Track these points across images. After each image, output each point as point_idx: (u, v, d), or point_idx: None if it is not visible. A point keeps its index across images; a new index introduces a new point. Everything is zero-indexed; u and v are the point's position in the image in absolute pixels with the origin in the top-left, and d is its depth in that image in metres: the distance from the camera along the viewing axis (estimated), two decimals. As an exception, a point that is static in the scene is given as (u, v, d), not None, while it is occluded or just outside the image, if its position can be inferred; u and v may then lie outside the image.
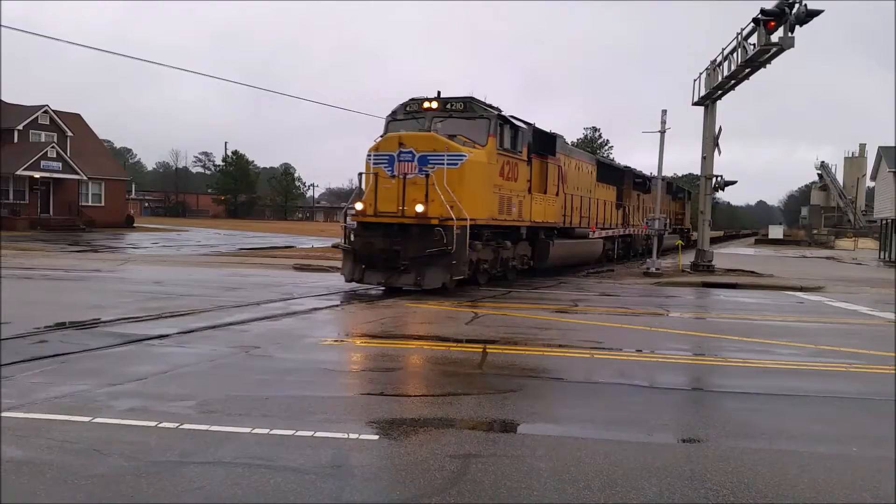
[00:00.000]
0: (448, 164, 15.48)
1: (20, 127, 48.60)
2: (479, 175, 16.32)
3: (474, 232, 16.14)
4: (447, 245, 14.98)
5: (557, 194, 21.44)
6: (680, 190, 47.40)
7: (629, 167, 35.91)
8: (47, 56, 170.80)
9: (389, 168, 15.91)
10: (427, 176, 15.34)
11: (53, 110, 51.11)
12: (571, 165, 23.47)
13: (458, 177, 15.58)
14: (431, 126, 16.74)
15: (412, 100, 17.44)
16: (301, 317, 11.77)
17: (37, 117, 49.70)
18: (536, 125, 20.10)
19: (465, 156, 15.80)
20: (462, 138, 16.34)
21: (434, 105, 17.03)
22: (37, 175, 46.79)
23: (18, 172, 45.59)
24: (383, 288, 15.95)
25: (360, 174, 16.69)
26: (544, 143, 20.63)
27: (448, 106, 17.06)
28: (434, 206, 15.29)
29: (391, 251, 15.36)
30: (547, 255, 20.71)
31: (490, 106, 17.44)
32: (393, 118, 17.67)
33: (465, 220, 15.31)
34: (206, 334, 9.86)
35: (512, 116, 18.27)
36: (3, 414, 5.60)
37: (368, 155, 16.38)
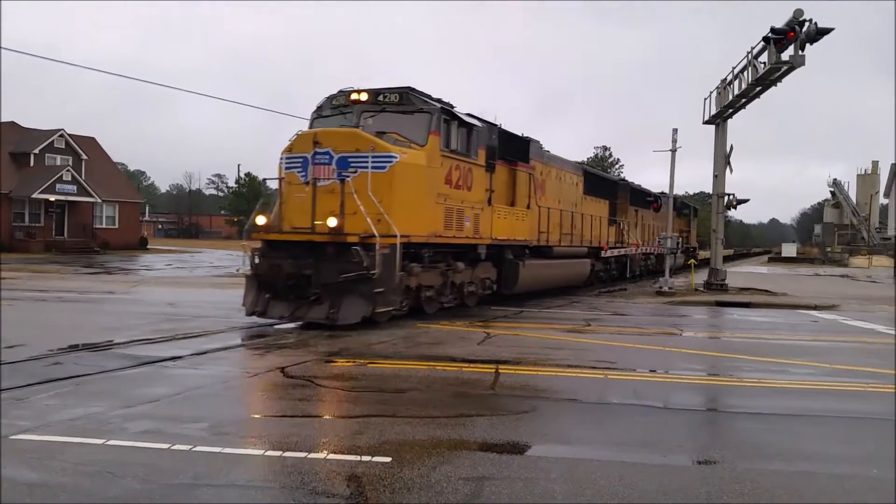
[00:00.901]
0: (374, 167, 12.57)
1: (36, 151, 49.22)
2: (416, 181, 13.48)
3: (410, 251, 13.56)
4: (368, 269, 12.10)
5: (529, 207, 18.60)
6: (685, 206, 44.86)
7: (625, 180, 33.94)
8: (64, 80, 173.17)
9: (303, 173, 13.17)
10: (343, 182, 12.46)
11: (69, 134, 51.76)
12: (550, 175, 21.01)
13: (387, 183, 12.74)
14: (360, 122, 13.95)
15: (340, 91, 14.66)
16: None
17: (52, 141, 50.34)
18: (503, 126, 17.69)
19: (394, 157, 12.96)
20: (396, 136, 13.63)
21: (363, 97, 14.23)
22: (52, 198, 47.28)
23: (34, 196, 46.11)
24: (299, 322, 12.86)
25: (264, 180, 14.50)
26: (513, 148, 18.12)
27: (381, 98, 14.25)
28: (353, 221, 12.33)
29: (301, 276, 12.38)
30: (516, 279, 17.97)
31: (434, 98, 14.72)
32: (318, 115, 14.93)
33: (395, 236, 12.48)
34: (219, 356, 9.89)
35: (470, 115, 15.87)
36: (19, 436, 5.62)
37: (281, 157, 13.78)
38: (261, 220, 13.43)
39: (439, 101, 14.76)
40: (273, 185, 14.04)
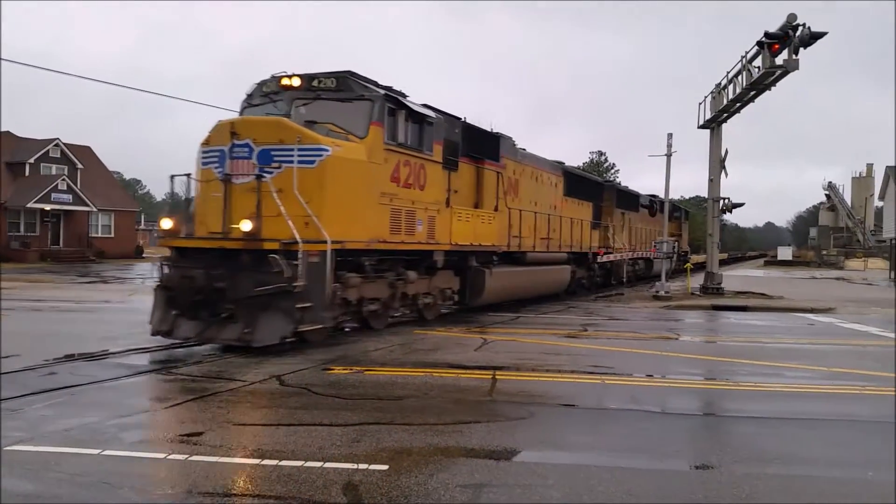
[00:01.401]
0: (301, 161, 10.75)
1: (32, 160, 49.11)
2: (353, 179, 11.65)
3: (347, 259, 11.77)
4: (290, 280, 10.22)
5: (498, 209, 16.99)
6: (676, 209, 42.01)
7: (611, 181, 32.58)
8: (59, 89, 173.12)
9: (220, 168, 11.29)
10: (260, 179, 10.65)
11: (64, 143, 51.67)
12: (525, 175, 19.31)
13: (317, 181, 10.99)
14: (292, 111, 12.13)
15: (272, 77, 12.79)
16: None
17: (48, 150, 50.24)
18: (467, 119, 16.32)
19: (325, 150, 11.11)
20: (331, 127, 11.81)
21: (295, 82, 12.40)
22: (47, 207, 47.16)
23: (30, 205, 45.98)
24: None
25: (172, 177, 12.31)
26: (480, 145, 16.63)
27: (315, 84, 12.41)
28: (273, 224, 10.52)
29: (212, 290, 10.41)
30: (481, 289, 16.24)
31: (379, 84, 12.93)
32: (248, 103, 13.03)
33: (326, 242, 10.75)
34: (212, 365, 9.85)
35: (426, 105, 14.32)
36: (14, 447, 5.59)
37: (199, 151, 11.94)
38: (166, 223, 11.61)
39: (386, 87, 12.97)
40: (194, 183, 12.05)
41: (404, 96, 13.47)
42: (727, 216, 28.30)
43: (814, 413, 7.58)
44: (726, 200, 26.00)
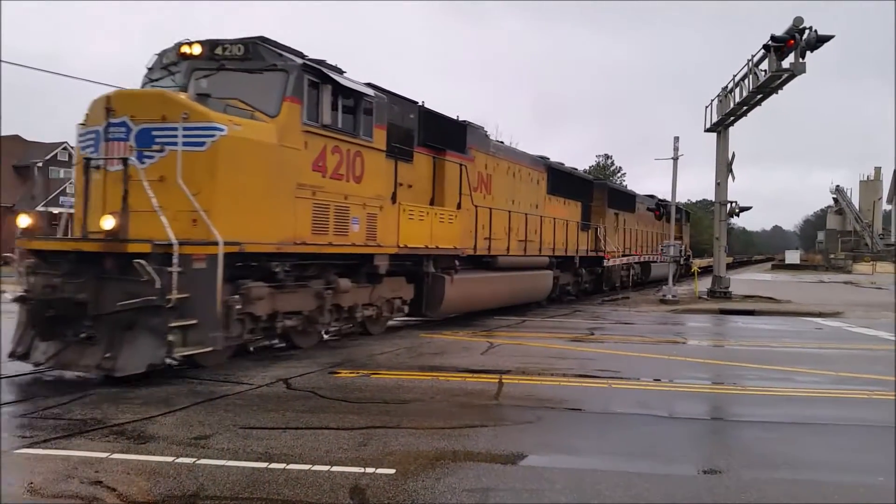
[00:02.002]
0: (187, 143, 8.84)
1: (40, 164, 49.39)
2: (257, 165, 9.53)
3: (252, 265, 9.79)
4: (162, 292, 8.16)
5: (461, 207, 15.13)
6: (677, 211, 42.03)
7: (602, 179, 30.04)
8: (67, 92, 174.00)
9: (95, 152, 9.35)
10: (125, 162, 8.71)
11: (72, 146, 51.92)
12: (500, 170, 17.55)
13: (207, 167, 8.99)
14: (190, 84, 10.20)
15: (175, 44, 10.67)
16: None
17: (56, 154, 50.55)
18: (424, 104, 14.41)
19: (219, 129, 9.04)
20: (237, 104, 9.73)
21: (196, 50, 10.38)
22: (55, 210, 47.41)
23: (38, 209, 46.20)
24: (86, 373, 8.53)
25: (34, 165, 9.32)
26: (442, 133, 14.83)
27: (219, 52, 10.36)
28: (145, 221, 8.56)
29: (72, 303, 8.38)
30: (440, 298, 14.45)
31: (297, 53, 10.91)
32: (149, 78, 11.02)
33: (216, 244, 8.67)
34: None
35: (372, 85, 12.42)
36: None
37: (76, 133, 10.00)
38: (23, 220, 9.43)
39: (316, 60, 11.10)
40: (69, 170, 10.53)
41: (339, 71, 11.51)
42: (734, 220, 28.16)
43: (822, 418, 7.54)
44: (733, 204, 25.96)
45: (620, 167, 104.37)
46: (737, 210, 26.33)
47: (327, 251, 11.12)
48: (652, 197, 36.99)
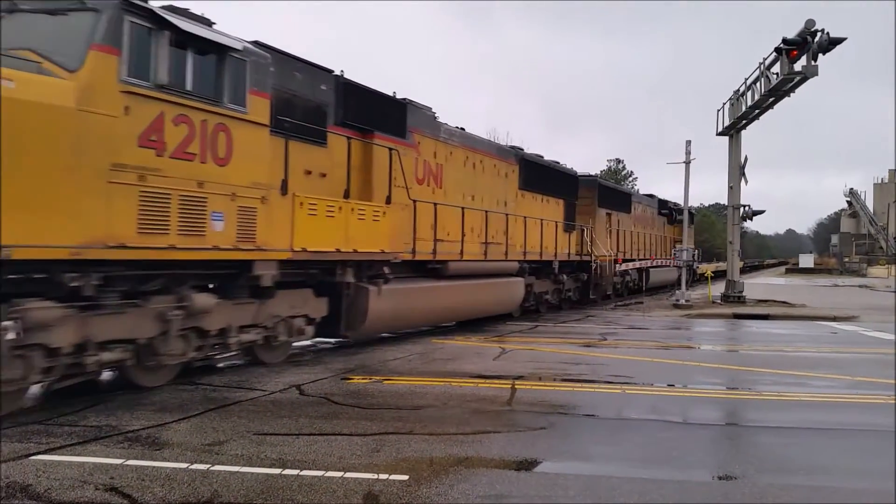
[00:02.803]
0: None
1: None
2: (40, 136, 6.90)
3: (35, 278, 7.21)
4: None
5: (390, 201, 12.35)
6: (679, 212, 35.55)
7: (592, 176, 26.80)
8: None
9: None
10: None
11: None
12: (454, 159, 15.10)
13: None
14: None
15: None
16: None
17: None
18: (344, 74, 11.95)
19: None
20: (30, 56, 7.27)
21: None
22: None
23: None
24: None
25: None
26: (369, 111, 12.28)
27: None
28: None
29: None
30: (363, 314, 11.79)
31: None
32: None
33: None
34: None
35: (260, 44, 9.94)
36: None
37: None
38: None
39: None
40: None
41: (207, 23, 9.09)
42: (748, 223, 27.80)
43: (838, 423, 7.48)
44: (746, 208, 25.83)
45: (632, 171, 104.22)
46: (750, 214, 26.20)
47: (168, 257, 8.22)
48: (651, 196, 35.10)
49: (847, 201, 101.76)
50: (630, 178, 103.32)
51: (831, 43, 19.83)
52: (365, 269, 11.89)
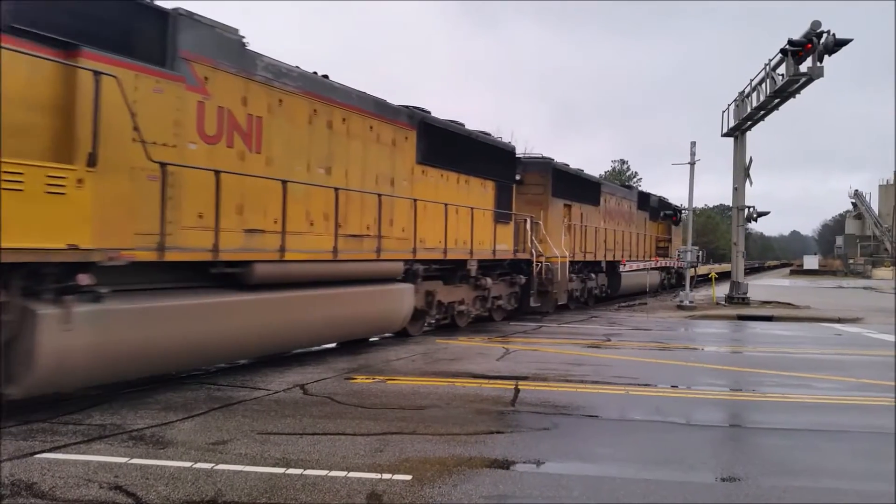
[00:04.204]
0: None
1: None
2: None
3: None
4: None
5: (94, 164, 7.12)
6: (665, 207, 32.46)
7: (546, 158, 21.20)
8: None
9: None
10: None
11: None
12: (288, 110, 10.42)
13: None
14: None
15: None
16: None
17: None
18: None
19: None
20: None
21: None
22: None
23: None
24: None
25: None
26: (65, 13, 7.44)
27: None
28: None
29: None
30: (28, 361, 6.70)
31: None
32: None
33: None
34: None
35: None
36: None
37: None
38: None
39: None
40: None
41: None
42: (752, 225, 27.60)
43: (842, 425, 7.47)
44: (751, 209, 25.79)
45: (636, 172, 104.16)
46: (754, 215, 26.16)
47: None
48: (629, 188, 31.77)
49: (852, 203, 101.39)
50: (635, 179, 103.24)
51: (837, 44, 19.79)
52: (33, 277, 6.85)
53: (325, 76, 11.62)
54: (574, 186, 22.39)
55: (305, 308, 10.48)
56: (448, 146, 14.85)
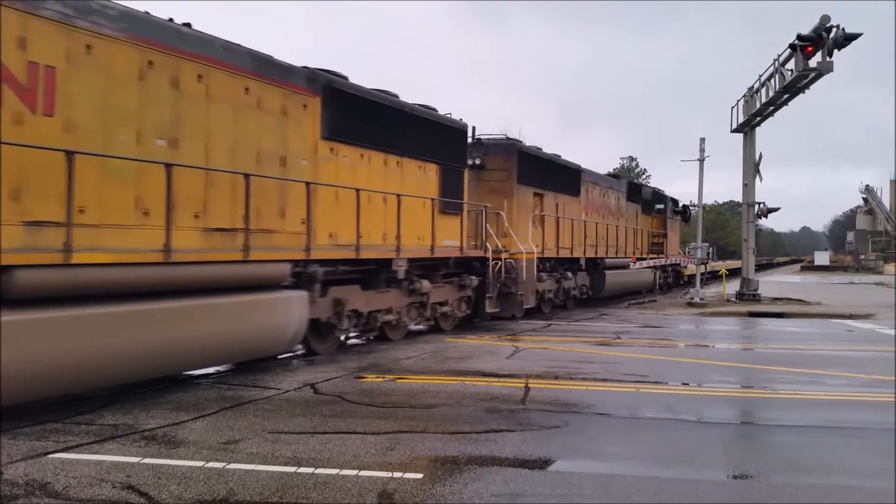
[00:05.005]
0: None
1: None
2: None
3: None
4: None
5: None
6: (659, 200, 30.10)
7: (514, 140, 19.15)
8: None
9: None
10: None
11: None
12: (96, 57, 7.60)
13: None
14: None
15: None
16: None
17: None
18: None
19: None
20: None
21: None
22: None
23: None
24: None
25: None
26: None
27: None
28: None
29: None
30: None
31: None
32: None
33: None
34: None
35: None
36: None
37: None
38: None
39: None
40: None
41: None
42: (762, 221, 27.39)
43: (854, 422, 7.43)
44: (761, 205, 25.67)
45: (645, 169, 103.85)
46: (765, 211, 26.04)
47: None
48: (616, 177, 28.45)
49: (863, 198, 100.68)
50: (644, 176, 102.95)
51: (846, 39, 19.67)
52: None
53: (187, 24, 8.94)
54: (547, 173, 19.38)
55: (106, 331, 7.31)
56: (370, 120, 12.16)
